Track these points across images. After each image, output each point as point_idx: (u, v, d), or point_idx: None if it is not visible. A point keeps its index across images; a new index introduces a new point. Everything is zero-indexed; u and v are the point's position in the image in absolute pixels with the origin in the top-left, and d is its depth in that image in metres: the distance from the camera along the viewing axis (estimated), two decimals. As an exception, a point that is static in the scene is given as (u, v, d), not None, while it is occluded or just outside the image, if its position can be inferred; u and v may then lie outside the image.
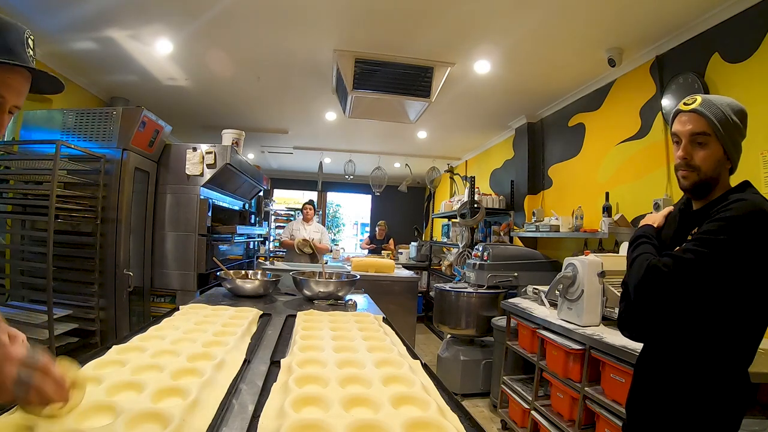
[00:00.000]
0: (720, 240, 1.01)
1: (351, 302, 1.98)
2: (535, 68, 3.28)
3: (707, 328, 1.06)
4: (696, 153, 1.13)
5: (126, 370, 0.93)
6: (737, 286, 1.03)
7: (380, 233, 7.49)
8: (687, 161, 1.14)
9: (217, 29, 2.85)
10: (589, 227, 3.20)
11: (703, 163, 1.12)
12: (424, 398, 0.85)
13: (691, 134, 1.13)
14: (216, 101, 4.41)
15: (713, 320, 1.05)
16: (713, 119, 1.11)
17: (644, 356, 1.25)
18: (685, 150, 1.14)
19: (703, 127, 1.11)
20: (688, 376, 1.09)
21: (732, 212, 1.03)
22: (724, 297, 1.03)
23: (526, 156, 4.42)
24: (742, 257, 1.01)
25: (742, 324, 1.06)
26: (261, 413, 0.80)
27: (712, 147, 1.12)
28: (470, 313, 3.53)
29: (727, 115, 1.11)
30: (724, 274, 1.02)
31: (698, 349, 1.08)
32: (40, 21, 2.78)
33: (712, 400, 1.06)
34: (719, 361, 1.06)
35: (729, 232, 1.01)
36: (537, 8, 2.43)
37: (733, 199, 1.07)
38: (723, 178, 1.16)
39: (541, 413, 2.46)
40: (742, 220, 1.02)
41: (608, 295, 2.20)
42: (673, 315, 1.09)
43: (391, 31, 2.80)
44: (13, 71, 0.74)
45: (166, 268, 3.15)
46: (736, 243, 1.01)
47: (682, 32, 2.56)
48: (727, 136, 1.11)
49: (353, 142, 5.98)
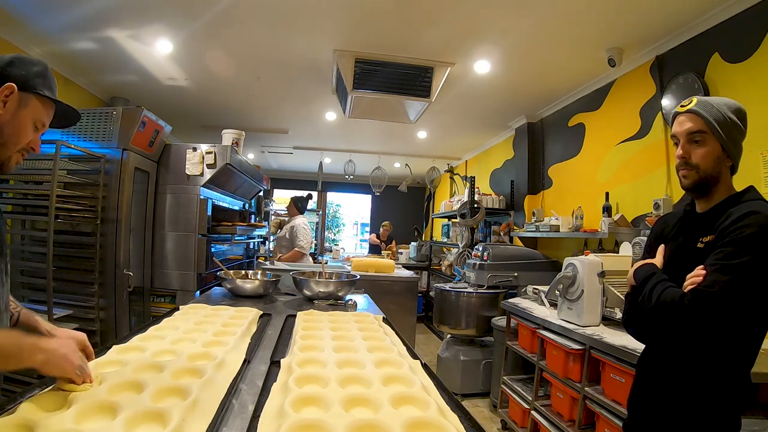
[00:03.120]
0: (742, 263, 0.98)
1: (351, 302, 1.98)
2: (535, 68, 3.28)
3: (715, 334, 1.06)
4: (694, 151, 1.14)
5: (126, 370, 0.93)
6: (756, 302, 1.01)
7: (384, 234, 7.49)
8: (686, 160, 1.14)
9: (217, 29, 2.85)
10: (589, 227, 3.20)
11: (702, 161, 1.13)
12: (424, 398, 0.85)
13: (688, 133, 1.14)
14: (216, 101, 4.41)
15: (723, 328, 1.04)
16: (709, 117, 1.12)
17: (647, 356, 1.25)
18: (683, 149, 1.15)
19: (700, 126, 1.13)
20: (691, 376, 1.08)
21: (749, 229, 1.00)
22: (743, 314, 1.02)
23: (526, 156, 4.42)
24: (764, 275, 0.99)
25: (747, 329, 1.05)
26: (261, 413, 0.80)
27: (709, 144, 1.12)
28: (470, 313, 3.53)
29: (724, 114, 1.12)
30: (748, 296, 0.99)
31: (702, 351, 1.07)
32: (40, 21, 2.78)
33: (714, 400, 1.06)
34: (723, 362, 1.06)
35: (751, 252, 0.99)
36: (537, 8, 2.43)
37: (744, 212, 1.04)
38: (724, 177, 1.15)
39: (541, 413, 2.46)
40: (761, 237, 0.99)
41: (608, 295, 2.20)
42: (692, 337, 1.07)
43: (391, 31, 2.80)
44: (52, 105, 1.00)
45: (166, 268, 3.15)
46: (759, 263, 0.98)
47: (682, 32, 2.56)
48: (725, 133, 1.12)
49: (353, 142, 5.98)
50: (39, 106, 0.98)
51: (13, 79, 0.93)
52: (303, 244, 4.17)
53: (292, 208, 4.54)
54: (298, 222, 4.32)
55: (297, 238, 4.19)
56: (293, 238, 4.25)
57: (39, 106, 0.98)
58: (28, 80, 0.95)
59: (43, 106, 0.98)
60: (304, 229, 4.23)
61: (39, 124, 0.99)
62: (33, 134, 0.99)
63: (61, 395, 0.79)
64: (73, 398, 0.77)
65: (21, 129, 0.95)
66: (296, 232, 4.24)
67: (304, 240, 4.19)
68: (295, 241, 4.19)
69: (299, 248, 4.15)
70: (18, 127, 0.95)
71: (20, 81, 0.94)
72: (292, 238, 4.26)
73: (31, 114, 0.96)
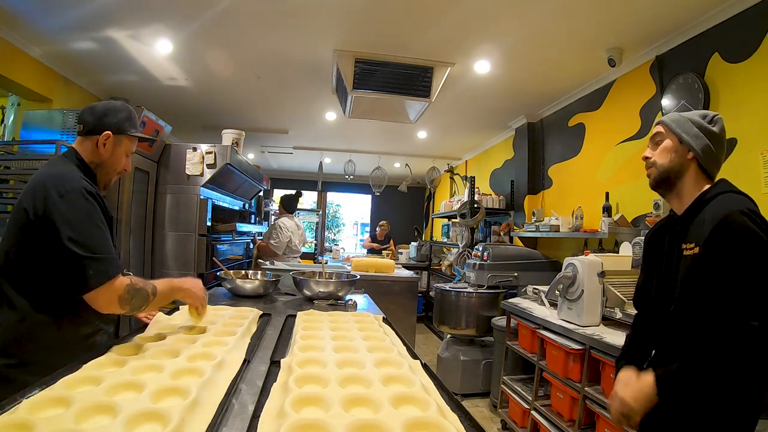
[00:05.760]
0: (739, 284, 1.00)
1: (351, 302, 1.97)
2: (535, 68, 3.28)
3: None
4: (653, 151, 1.24)
5: (126, 370, 0.93)
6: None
7: (381, 233, 7.48)
8: (648, 160, 1.24)
9: (217, 29, 2.85)
10: (589, 227, 3.20)
11: (659, 156, 1.21)
12: (424, 398, 0.85)
13: (650, 138, 1.27)
14: (216, 101, 4.41)
15: None
16: (666, 120, 1.23)
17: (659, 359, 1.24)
18: (647, 151, 1.26)
19: (658, 128, 1.25)
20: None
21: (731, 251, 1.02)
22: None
23: (526, 156, 4.42)
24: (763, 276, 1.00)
25: None
26: (261, 413, 0.80)
27: (666, 140, 1.22)
28: (470, 313, 3.53)
29: (685, 116, 1.20)
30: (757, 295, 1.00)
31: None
32: (40, 21, 2.78)
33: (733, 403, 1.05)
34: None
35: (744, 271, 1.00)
36: (537, 8, 2.43)
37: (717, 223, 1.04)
38: (690, 172, 1.18)
39: (541, 413, 2.46)
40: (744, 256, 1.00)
41: (608, 295, 2.20)
42: None
43: (391, 31, 2.80)
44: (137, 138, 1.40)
45: (166, 268, 3.15)
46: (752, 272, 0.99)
47: (682, 32, 2.56)
48: (682, 129, 1.19)
49: (353, 142, 5.98)
50: (128, 142, 1.36)
51: (107, 127, 1.30)
52: (274, 243, 4.03)
53: (280, 208, 4.44)
54: (279, 221, 4.18)
55: (271, 236, 4.09)
56: (269, 237, 4.15)
57: (128, 141, 1.36)
58: (119, 126, 1.32)
59: (130, 140, 1.37)
60: (281, 228, 4.07)
61: (129, 153, 1.38)
62: (125, 161, 1.38)
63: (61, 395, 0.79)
64: (74, 398, 0.77)
65: (117, 161, 1.35)
66: (272, 231, 4.14)
67: (277, 239, 4.04)
68: (270, 239, 4.09)
69: (271, 246, 4.01)
70: (115, 161, 1.34)
71: (113, 128, 1.31)
72: (269, 237, 4.16)
73: (123, 149, 1.35)
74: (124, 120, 1.33)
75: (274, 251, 3.98)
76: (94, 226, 1.18)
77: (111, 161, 1.33)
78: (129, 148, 1.37)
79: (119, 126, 1.31)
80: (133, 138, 1.37)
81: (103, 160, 1.31)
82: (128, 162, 1.39)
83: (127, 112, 1.34)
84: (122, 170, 1.38)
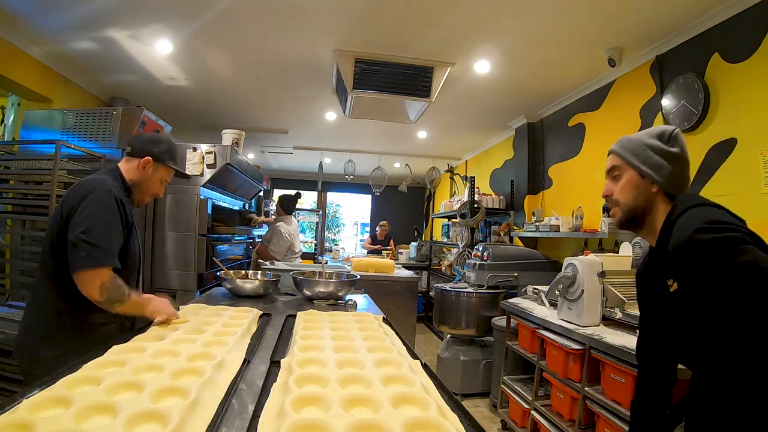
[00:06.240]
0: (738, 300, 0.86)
1: (351, 302, 1.97)
2: (535, 68, 3.28)
3: None
4: (614, 188, 1.15)
5: (126, 370, 0.93)
6: None
7: (381, 233, 7.48)
8: (608, 197, 1.16)
9: (217, 29, 2.85)
10: (589, 227, 3.19)
11: (620, 194, 1.13)
12: (424, 398, 0.85)
13: (607, 172, 1.17)
14: (216, 101, 4.41)
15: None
16: (621, 151, 1.13)
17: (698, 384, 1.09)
18: (605, 188, 1.17)
19: (613, 161, 1.15)
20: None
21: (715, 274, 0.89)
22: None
23: (526, 156, 4.42)
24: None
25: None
26: (261, 413, 0.80)
27: (624, 175, 1.12)
28: (470, 313, 3.53)
29: (640, 141, 1.11)
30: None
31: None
32: (40, 21, 2.78)
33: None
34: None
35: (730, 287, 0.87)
36: (537, 8, 2.43)
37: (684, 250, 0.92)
38: (657, 204, 1.08)
39: (541, 413, 2.46)
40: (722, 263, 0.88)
41: (608, 295, 2.20)
42: None
43: (391, 31, 2.80)
44: (173, 169, 1.63)
45: (166, 268, 3.14)
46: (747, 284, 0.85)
47: (682, 32, 2.56)
48: (641, 160, 1.09)
49: (353, 142, 5.98)
50: (165, 171, 1.59)
51: (148, 153, 1.52)
52: (275, 249, 4.02)
53: (278, 209, 4.37)
54: (279, 226, 4.14)
55: (272, 242, 4.06)
56: (269, 241, 4.12)
57: (165, 171, 1.59)
58: (160, 155, 1.54)
59: (167, 170, 1.60)
60: (281, 234, 4.05)
61: (164, 181, 1.61)
62: (160, 187, 1.60)
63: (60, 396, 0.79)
64: (74, 398, 0.77)
65: (152, 185, 1.57)
66: (273, 236, 4.11)
67: (277, 246, 4.03)
68: (270, 245, 4.06)
69: (271, 252, 4.00)
70: (150, 185, 1.57)
71: (154, 155, 1.53)
72: (269, 240, 4.13)
73: (159, 176, 1.58)
74: (164, 151, 1.55)
75: (273, 257, 3.98)
76: (105, 220, 1.33)
77: (147, 184, 1.55)
78: (165, 176, 1.59)
79: (159, 155, 1.54)
80: (169, 169, 1.59)
81: (140, 181, 1.53)
82: (162, 189, 1.62)
83: (168, 146, 1.57)
84: (155, 194, 1.59)
